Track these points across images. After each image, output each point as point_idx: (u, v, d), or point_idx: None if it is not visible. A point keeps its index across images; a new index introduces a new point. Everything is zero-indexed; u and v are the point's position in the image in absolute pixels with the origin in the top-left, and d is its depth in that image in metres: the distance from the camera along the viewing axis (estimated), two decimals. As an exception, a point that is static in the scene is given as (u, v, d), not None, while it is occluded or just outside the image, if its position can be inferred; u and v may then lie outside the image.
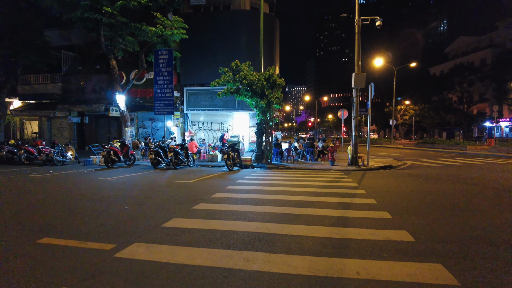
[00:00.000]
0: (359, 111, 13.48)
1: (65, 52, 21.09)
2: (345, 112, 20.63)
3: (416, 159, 17.39)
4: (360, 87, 13.06)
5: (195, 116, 21.17)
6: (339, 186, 7.87)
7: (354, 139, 13.22)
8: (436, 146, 25.91)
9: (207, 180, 9.00)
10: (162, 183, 8.46)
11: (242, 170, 11.95)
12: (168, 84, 14.62)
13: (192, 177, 9.62)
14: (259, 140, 13.99)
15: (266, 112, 13.50)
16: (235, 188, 7.51)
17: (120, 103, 15.31)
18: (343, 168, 12.66)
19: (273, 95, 12.90)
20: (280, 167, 12.86)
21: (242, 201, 6.09)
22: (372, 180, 9.25)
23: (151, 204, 5.81)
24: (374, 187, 7.80)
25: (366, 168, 12.72)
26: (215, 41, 19.76)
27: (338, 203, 5.93)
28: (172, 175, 10.26)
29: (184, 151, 13.22)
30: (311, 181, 8.72)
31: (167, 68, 14.63)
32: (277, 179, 9.21)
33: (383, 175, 10.45)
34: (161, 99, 14.71)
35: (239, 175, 10.41)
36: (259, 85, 12.62)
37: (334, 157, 13.55)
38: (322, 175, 10.45)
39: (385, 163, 14.47)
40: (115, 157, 12.92)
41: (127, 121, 15.71)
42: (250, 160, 13.28)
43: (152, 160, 12.41)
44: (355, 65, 13.27)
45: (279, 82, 13.20)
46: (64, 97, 20.92)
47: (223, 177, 9.71)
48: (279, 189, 7.44)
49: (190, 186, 7.97)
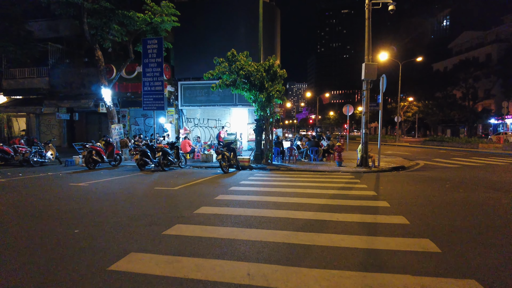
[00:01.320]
0: (370, 106, 11.94)
1: (52, 45, 19.55)
2: (351, 107, 19.10)
3: (428, 158, 15.87)
4: (371, 79, 11.52)
5: (191, 112, 19.66)
6: (354, 196, 6.37)
7: (364, 137, 11.70)
8: (445, 144, 24.35)
9: (195, 187, 7.52)
10: (140, 191, 6.98)
11: (239, 172, 10.47)
12: (158, 76, 13.10)
13: (179, 182, 8.14)
14: (258, 138, 12.49)
15: (266, 107, 11.98)
16: (226, 199, 6.03)
17: (106, 98, 13.81)
18: (352, 169, 11.17)
19: (274, 88, 11.38)
20: (282, 169, 11.38)
21: (233, 220, 4.60)
22: (390, 186, 7.75)
23: (111, 226, 4.33)
24: (397, 197, 6.31)
25: (378, 169, 11.22)
26: (211, 32, 18.18)
27: (359, 223, 4.45)
28: (156, 180, 8.78)
29: (175, 151, 11.74)
30: (318, 188, 7.24)
31: (156, 58, 13.09)
32: (278, 185, 7.73)
33: (400, 179, 8.95)
34: (150, 93, 13.20)
35: (235, 179, 8.93)
36: (257, 77, 11.09)
37: (341, 157, 12.06)
38: (330, 179, 8.96)
39: (397, 164, 12.98)
40: (98, 158, 11.45)
41: (114, 118, 14.21)
42: (248, 160, 11.80)
43: (137, 161, 10.94)
44: (366, 55, 11.70)
45: (280, 73, 11.67)
46: (51, 92, 19.43)
47: (215, 182, 8.23)
48: (281, 200, 5.95)
49: (172, 195, 6.49)
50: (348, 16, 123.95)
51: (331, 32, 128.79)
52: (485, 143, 21.38)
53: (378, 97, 12.43)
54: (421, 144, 26.92)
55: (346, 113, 19.07)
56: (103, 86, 13.71)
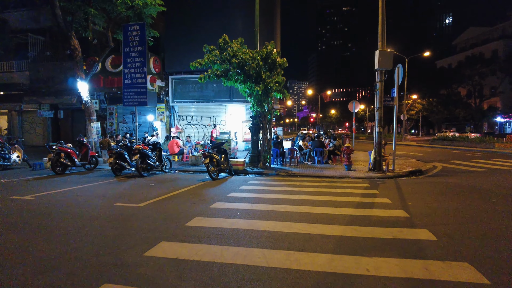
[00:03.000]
0: (384, 101, 10.13)
1: (33, 36, 17.81)
2: (357, 104, 17.28)
3: (445, 160, 14.04)
4: (386, 68, 9.70)
5: (183, 109, 17.88)
6: (380, 221, 4.56)
7: (377, 136, 9.89)
8: (456, 143, 22.48)
9: (168, 202, 5.73)
10: (91, 210, 5.21)
11: (231, 179, 8.69)
12: (140, 67, 11.30)
13: (151, 195, 6.36)
14: (254, 138, 10.70)
15: (263, 102, 10.19)
16: (200, 228, 4.23)
17: (83, 92, 12.03)
18: (363, 174, 9.38)
19: (272, 79, 9.57)
20: (281, 173, 9.60)
21: (200, 276, 2.83)
22: (419, 200, 5.95)
23: (17, 275, 2.57)
24: (439, 221, 4.49)
25: (393, 174, 9.43)
26: (205, 21, 16.36)
27: (405, 281, 2.67)
28: (125, 190, 7.01)
29: (157, 152, 9.97)
30: (328, 204, 5.46)
31: (138, 47, 11.29)
32: (276, 200, 5.94)
33: (426, 189, 7.15)
34: (131, 86, 11.41)
35: (223, 189, 7.15)
36: (253, 66, 9.28)
37: (350, 160, 10.27)
38: (340, 189, 7.17)
39: (412, 166, 11.22)
40: (68, 161, 9.69)
41: (92, 114, 12.43)
42: (242, 163, 10.01)
43: (112, 165, 9.17)
44: (379, 41, 9.88)
45: (280, 62, 9.86)
46: (32, 87, 17.66)
47: (196, 195, 6.45)
48: (278, 228, 4.16)
49: (132, 217, 4.71)
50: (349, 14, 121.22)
51: (332, 30, 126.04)
52: (502, 142, 19.52)
53: (392, 90, 10.62)
54: (429, 144, 25.05)
55: (351, 110, 17.24)
56: (79, 79, 11.92)
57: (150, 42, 13.80)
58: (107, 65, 16.46)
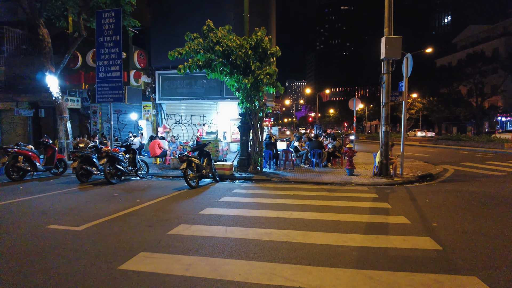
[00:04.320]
0: (391, 95, 8.75)
1: (9, 29, 16.37)
2: (358, 101, 15.92)
3: (455, 161, 12.70)
4: (394, 57, 8.36)
5: (172, 107, 16.48)
6: (401, 258, 3.18)
7: (384, 136, 8.52)
8: (462, 143, 21.13)
9: (118, 224, 4.35)
10: (8, 238, 3.83)
11: (213, 187, 7.31)
12: (115, 59, 9.91)
13: (105, 210, 4.98)
14: (243, 138, 9.32)
15: (253, 97, 8.81)
16: (142, 272, 2.87)
17: (52, 87, 10.63)
18: (368, 180, 8.02)
19: (263, 71, 8.18)
20: (274, 179, 8.23)
21: None
22: (443, 217, 4.59)
23: None
24: (483, 257, 3.14)
25: (402, 180, 8.08)
26: (195, 13, 14.95)
27: None
28: (79, 203, 5.61)
29: (130, 155, 8.58)
30: (329, 224, 4.09)
31: (113, 36, 9.90)
32: (261, 219, 4.57)
33: (448, 200, 5.77)
34: (105, 80, 10.01)
35: (198, 202, 5.77)
36: (240, 55, 7.89)
37: (352, 163, 8.90)
38: (343, 200, 5.79)
39: (421, 170, 9.90)
40: (28, 165, 8.30)
41: (64, 113, 11.02)
42: (229, 168, 8.63)
43: (76, 170, 7.78)
44: (386, 26, 8.54)
45: (272, 51, 8.47)
46: (8, 84, 16.24)
47: (160, 212, 5.06)
48: (257, 274, 2.78)
49: (48, 255, 3.33)
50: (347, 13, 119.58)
51: (330, 29, 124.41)
52: (511, 142, 18.17)
53: (400, 84, 9.27)
54: (433, 143, 23.71)
55: (352, 108, 15.88)
56: (48, 73, 10.53)
57: (130, 33, 12.41)
58: (88, 60, 15.02)
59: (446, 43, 62.75)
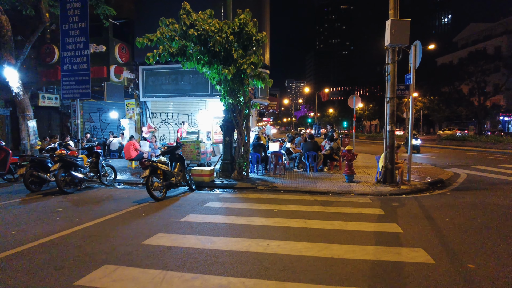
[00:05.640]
0: (397, 90, 7.43)
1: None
2: (358, 99, 14.59)
3: (464, 164, 11.37)
4: (402, 44, 7.03)
5: (157, 105, 15.14)
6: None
7: (389, 137, 7.20)
8: (468, 143, 19.78)
9: (24, 262, 3.02)
10: None
11: (185, 198, 6.00)
12: (82, 49, 8.58)
13: (27, 235, 3.65)
14: (227, 139, 8.00)
15: (237, 92, 7.49)
16: None
17: (12, 81, 9.31)
18: (370, 189, 6.70)
19: (246, 60, 6.86)
20: (260, 187, 6.91)
21: None
22: (477, 251, 3.26)
23: None
24: None
25: (411, 188, 6.76)
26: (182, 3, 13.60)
27: None
28: (3, 222, 4.31)
29: (93, 159, 7.27)
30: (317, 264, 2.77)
31: (79, 23, 8.57)
32: (226, 255, 3.25)
33: (474, 218, 4.44)
34: (71, 73, 8.69)
35: (155, 221, 4.44)
36: (219, 40, 6.56)
37: (352, 168, 7.58)
38: (340, 219, 4.45)
39: (429, 175, 8.62)
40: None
41: (26, 110, 9.70)
42: (209, 173, 7.30)
43: (24, 177, 6.47)
44: (390, 8, 7.22)
45: (258, 37, 7.15)
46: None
47: (97, 240, 3.73)
48: None
49: None
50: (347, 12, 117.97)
51: (330, 28, 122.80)
52: (521, 142, 16.85)
53: (407, 77, 7.94)
54: (436, 144, 22.37)
55: (351, 106, 14.56)
56: (7, 65, 9.20)
57: (106, 23, 11.07)
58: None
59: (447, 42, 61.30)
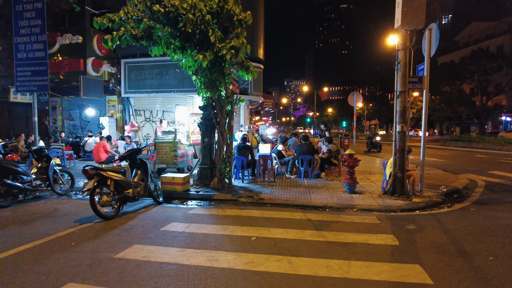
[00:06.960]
0: (408, 82, 6.13)
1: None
2: (358, 96, 13.37)
3: (478, 169, 10.09)
4: (417, 26, 5.72)
5: (141, 102, 13.83)
6: None
7: (399, 140, 5.91)
8: (475, 145, 18.50)
9: None
10: None
11: (143, 215, 4.70)
12: (38, 33, 7.28)
13: None
14: (205, 140, 6.69)
15: (217, 83, 6.19)
16: None
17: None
18: (376, 202, 5.41)
19: (226, 44, 5.55)
20: (242, 199, 5.63)
21: None
22: None
23: None
24: None
25: (425, 202, 5.47)
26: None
27: None
28: None
29: (43, 164, 5.96)
30: None
31: (35, 3, 7.27)
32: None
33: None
34: (25, 63, 7.39)
35: (83, 255, 3.12)
36: (191, 18, 5.25)
37: (354, 176, 6.28)
38: (339, 250, 3.16)
39: (442, 182, 7.39)
40: None
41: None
42: (182, 182, 6.00)
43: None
44: (403, -16, 5.87)
45: (240, 17, 5.84)
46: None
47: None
48: None
49: None
50: (347, 11, 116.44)
51: (329, 28, 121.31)
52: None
53: (419, 68, 6.66)
54: (441, 145, 21.10)
55: (351, 104, 13.35)
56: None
57: (77, 8, 9.71)
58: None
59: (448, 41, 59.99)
